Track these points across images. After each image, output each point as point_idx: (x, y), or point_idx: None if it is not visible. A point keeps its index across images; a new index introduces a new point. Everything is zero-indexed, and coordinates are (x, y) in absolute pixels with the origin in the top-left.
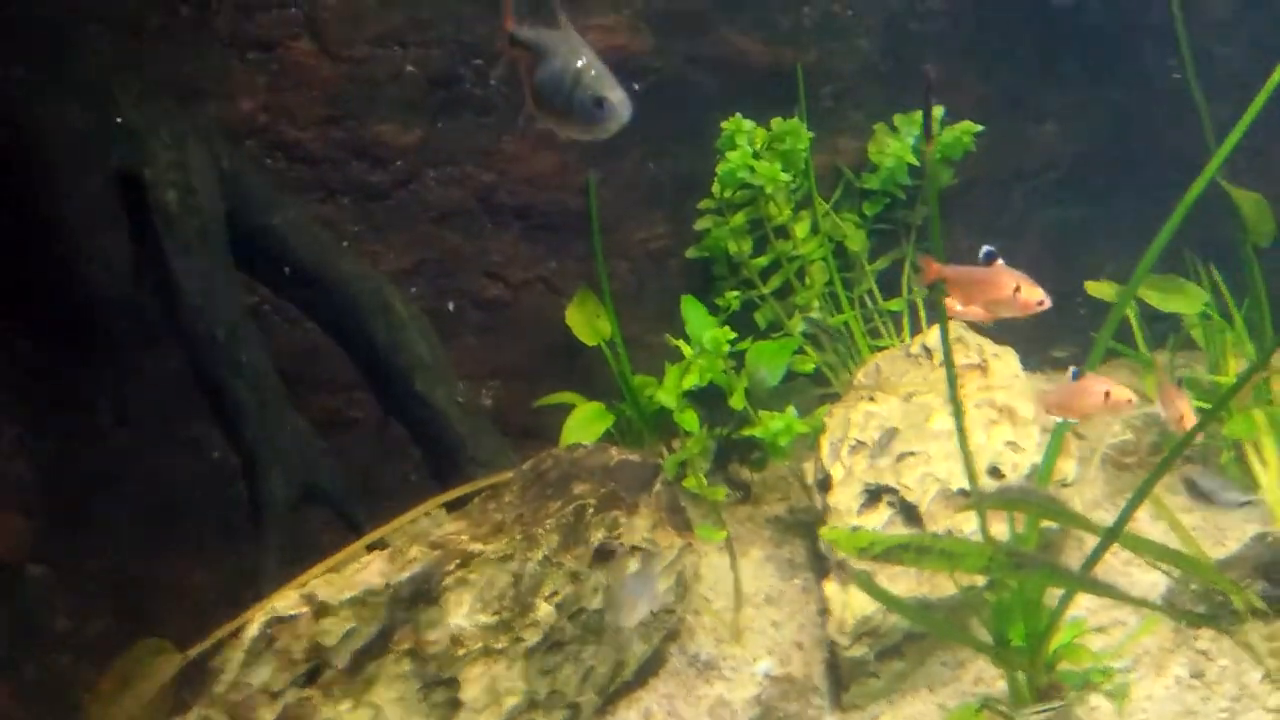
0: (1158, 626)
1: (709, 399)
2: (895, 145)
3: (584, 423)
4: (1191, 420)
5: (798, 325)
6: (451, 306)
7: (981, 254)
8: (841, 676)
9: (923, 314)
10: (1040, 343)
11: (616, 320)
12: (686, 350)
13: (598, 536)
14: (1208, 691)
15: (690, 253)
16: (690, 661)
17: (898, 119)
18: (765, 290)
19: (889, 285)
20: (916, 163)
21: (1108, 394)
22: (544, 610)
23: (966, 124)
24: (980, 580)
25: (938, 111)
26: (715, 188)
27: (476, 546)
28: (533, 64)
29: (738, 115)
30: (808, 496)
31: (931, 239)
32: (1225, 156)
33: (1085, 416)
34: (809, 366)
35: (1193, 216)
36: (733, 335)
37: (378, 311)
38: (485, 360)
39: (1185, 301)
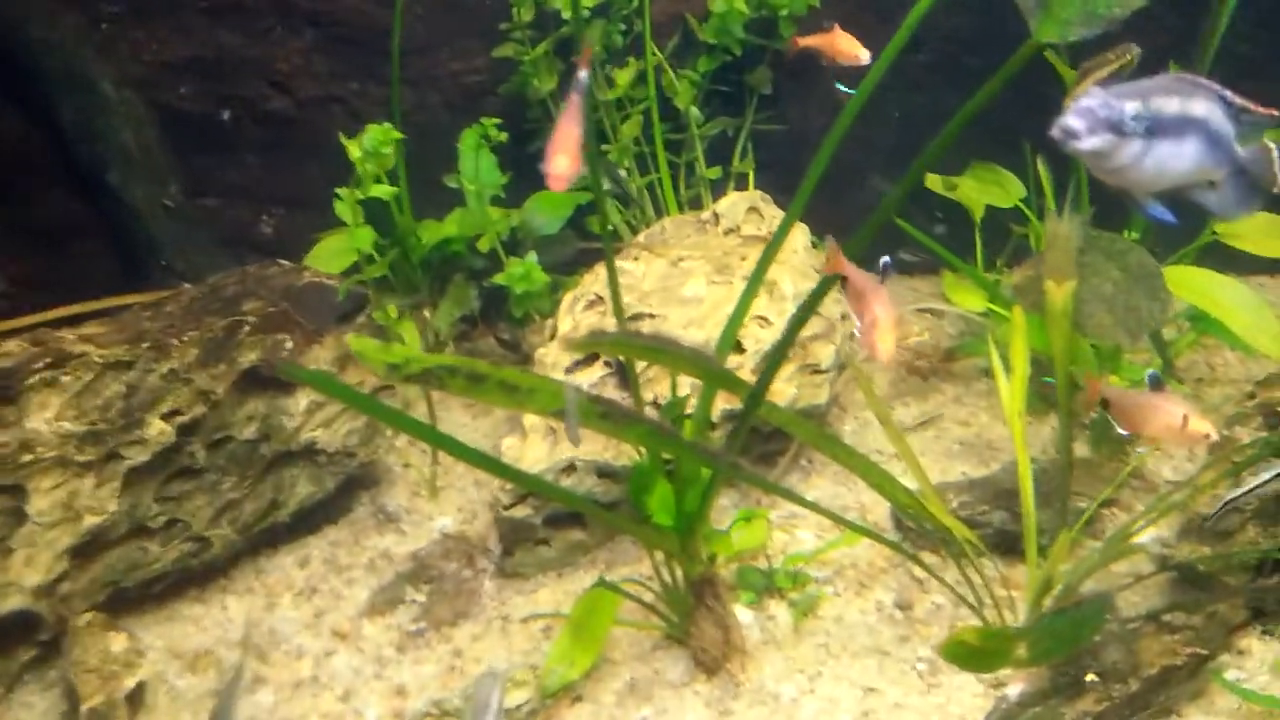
0: (871, 543)
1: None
2: None
3: (331, 251)
4: (882, 329)
5: (604, 183)
6: (227, 115)
7: None
8: (504, 539)
9: (751, 184)
10: (891, 244)
11: (412, 156)
12: (353, 151)
13: (250, 358)
14: (909, 630)
15: (503, 89)
16: (375, 512)
17: None
18: None
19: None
20: (746, 10)
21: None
22: (156, 428)
23: None
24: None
25: None
26: (513, 11)
27: (85, 349)
28: None
29: None
30: None
31: None
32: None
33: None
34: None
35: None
36: (396, 135)
37: (74, 89)
38: (266, 182)
39: (1002, 194)
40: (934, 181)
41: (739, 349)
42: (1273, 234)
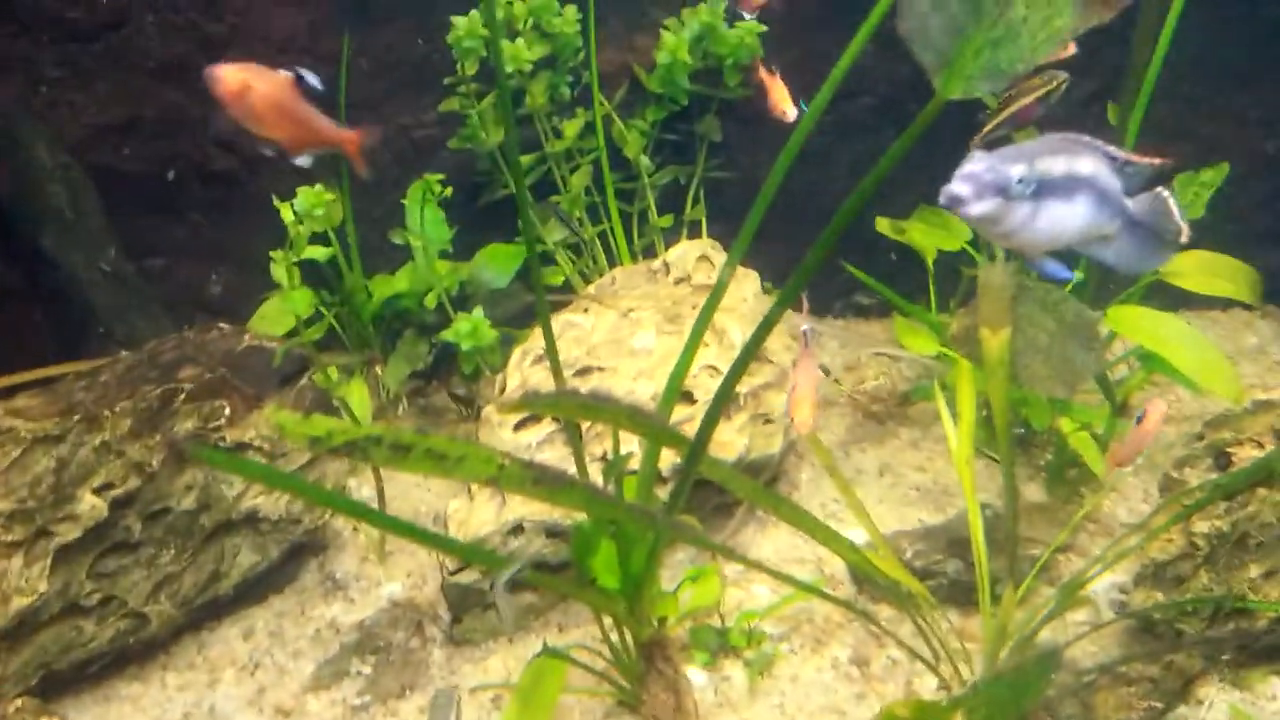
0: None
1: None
2: (671, 41)
3: (277, 311)
4: (799, 400)
5: (553, 233)
6: (171, 175)
7: None
8: (452, 606)
9: (704, 232)
10: (845, 287)
11: (362, 211)
12: (287, 215)
13: (186, 426)
14: (865, 687)
15: (452, 143)
16: (323, 579)
17: (684, 12)
18: (513, 188)
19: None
20: (691, 61)
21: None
22: (88, 503)
23: (751, 24)
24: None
25: (719, 5)
26: (458, 65)
27: (13, 423)
28: None
29: None
30: None
31: None
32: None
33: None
34: (558, 278)
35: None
36: (329, 196)
37: (9, 154)
38: (214, 241)
39: (948, 237)
40: (883, 225)
41: (689, 400)
42: (1213, 272)
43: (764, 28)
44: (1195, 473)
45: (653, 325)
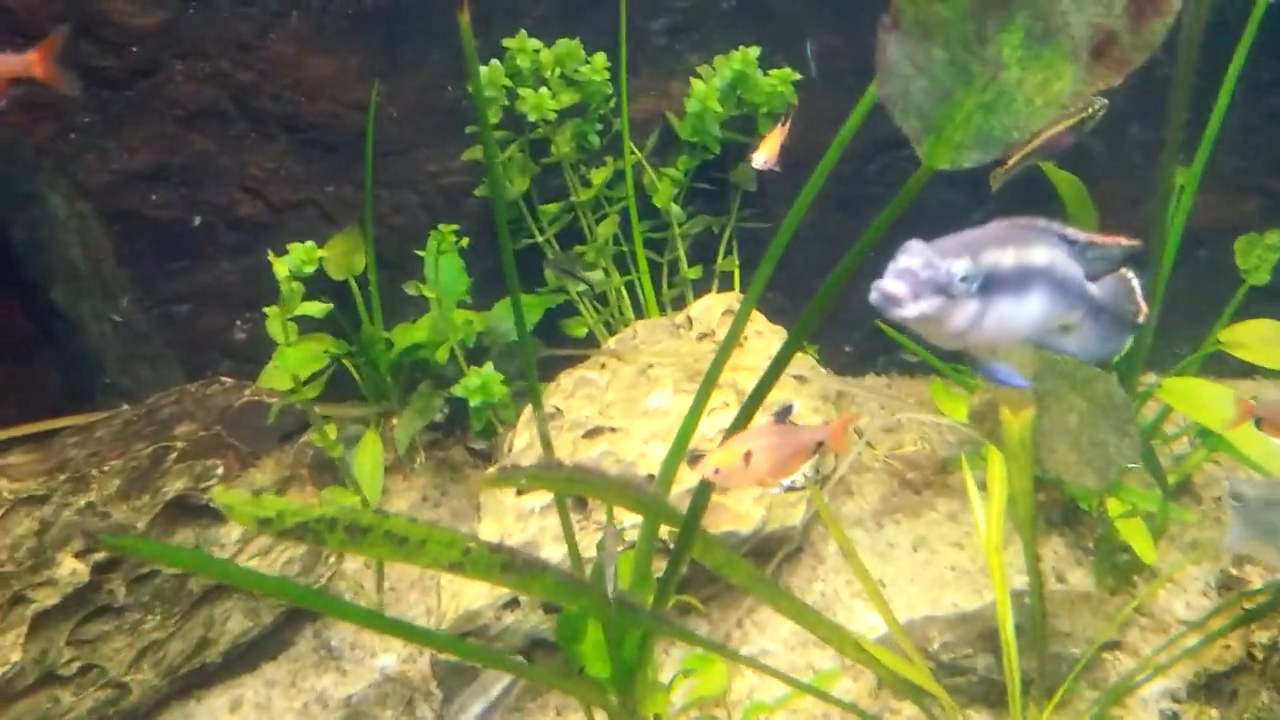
0: (850, 686)
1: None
2: (701, 89)
3: (284, 366)
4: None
5: (576, 285)
6: (198, 221)
7: None
8: (442, 683)
9: (737, 284)
10: (889, 342)
11: (381, 258)
12: (280, 269)
13: (176, 486)
14: None
15: (479, 191)
16: (319, 647)
17: (717, 60)
18: (542, 239)
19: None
20: (721, 110)
21: None
22: (68, 567)
23: (784, 71)
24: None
25: (751, 53)
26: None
27: None
28: None
29: (523, 33)
30: None
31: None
32: (847, 137)
33: None
34: (581, 330)
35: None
36: (319, 254)
37: (20, 201)
38: (239, 287)
39: None
40: None
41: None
42: (1278, 342)
43: (798, 75)
44: (1257, 570)
45: (671, 383)
